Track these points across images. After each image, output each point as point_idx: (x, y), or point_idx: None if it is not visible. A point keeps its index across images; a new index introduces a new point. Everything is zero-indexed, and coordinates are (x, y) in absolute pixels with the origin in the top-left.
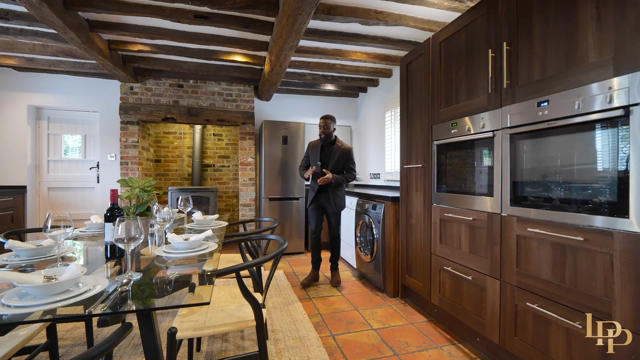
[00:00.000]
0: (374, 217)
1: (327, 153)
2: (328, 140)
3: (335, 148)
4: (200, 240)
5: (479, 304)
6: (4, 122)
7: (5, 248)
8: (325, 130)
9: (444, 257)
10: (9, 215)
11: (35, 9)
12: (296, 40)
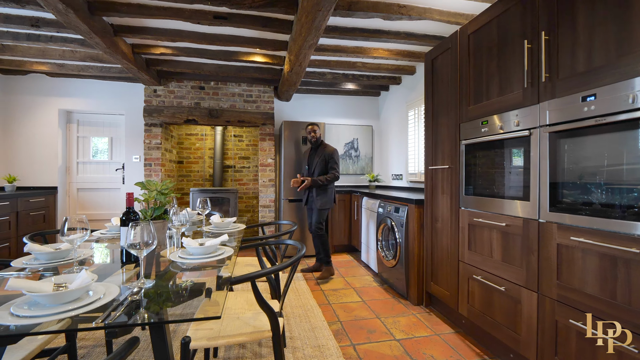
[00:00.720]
0: (396, 220)
1: (313, 157)
2: (316, 145)
3: (320, 151)
4: (215, 245)
5: (513, 318)
6: (37, 126)
7: (25, 251)
8: (314, 134)
9: (473, 264)
10: (41, 215)
11: (62, 15)
12: (316, 38)
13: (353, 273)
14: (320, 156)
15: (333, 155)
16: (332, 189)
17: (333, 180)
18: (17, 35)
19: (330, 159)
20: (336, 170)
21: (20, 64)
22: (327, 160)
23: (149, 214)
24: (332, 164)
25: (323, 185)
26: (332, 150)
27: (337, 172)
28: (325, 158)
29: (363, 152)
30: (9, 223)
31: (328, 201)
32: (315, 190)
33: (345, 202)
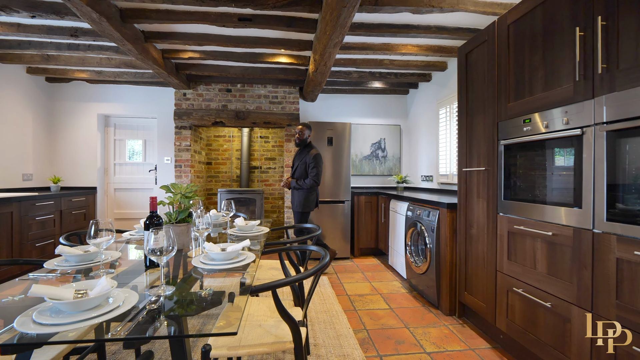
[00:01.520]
0: (426, 225)
1: (298, 158)
2: (302, 145)
3: (304, 153)
4: (237, 250)
5: (561, 338)
6: (79, 130)
7: (56, 253)
8: (300, 136)
9: (513, 276)
10: (82, 214)
11: (96, 24)
12: (341, 36)
13: (380, 278)
14: (302, 158)
15: (314, 159)
16: (313, 192)
17: (309, 186)
18: (59, 45)
19: (310, 163)
20: (315, 175)
21: (63, 72)
22: (308, 163)
23: (173, 217)
24: (311, 169)
25: (300, 188)
26: (314, 154)
27: (316, 179)
28: (306, 161)
29: (390, 153)
30: (54, 221)
31: (306, 204)
32: (294, 192)
33: (371, 204)
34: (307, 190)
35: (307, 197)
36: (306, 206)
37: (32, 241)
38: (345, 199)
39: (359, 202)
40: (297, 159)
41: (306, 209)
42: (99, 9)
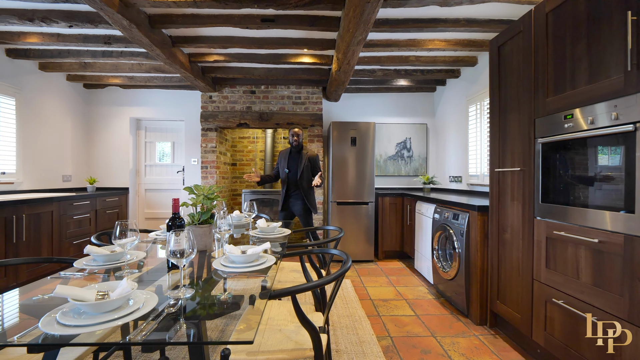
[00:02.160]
0: (455, 228)
1: (294, 159)
2: (298, 149)
3: (303, 154)
4: (257, 253)
5: (610, 357)
6: (113, 133)
7: (84, 253)
8: (298, 138)
9: (552, 285)
10: (115, 213)
11: (127, 31)
12: (364, 33)
13: (405, 282)
14: (305, 160)
15: (318, 159)
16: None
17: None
18: (95, 53)
19: (316, 164)
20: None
21: (99, 79)
22: (314, 164)
23: (196, 218)
24: (319, 168)
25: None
26: (317, 154)
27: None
28: (310, 162)
29: (416, 152)
30: (90, 220)
31: (314, 204)
32: (306, 192)
33: (396, 205)
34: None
35: (315, 197)
36: (314, 207)
37: (70, 239)
38: (369, 200)
39: (383, 204)
40: (293, 162)
41: (315, 207)
42: (129, 16)
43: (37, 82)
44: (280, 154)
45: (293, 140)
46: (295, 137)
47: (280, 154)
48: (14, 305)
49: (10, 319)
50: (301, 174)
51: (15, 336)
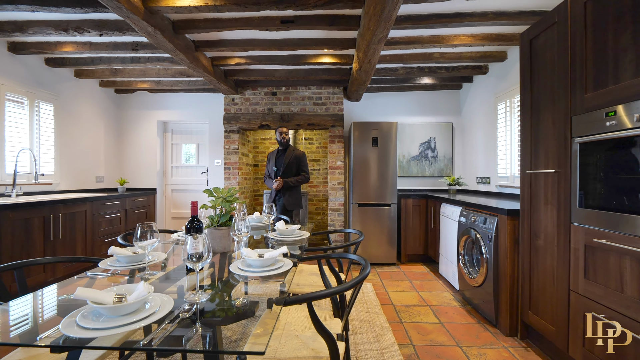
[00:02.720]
0: (483, 233)
1: (281, 159)
2: (285, 147)
3: (289, 153)
4: (274, 257)
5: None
6: (141, 136)
7: (108, 253)
8: (285, 137)
9: (591, 298)
10: (143, 213)
11: (152, 37)
12: (385, 30)
13: (429, 287)
14: (290, 158)
15: (302, 158)
16: (299, 192)
17: (303, 182)
18: (124, 59)
19: (301, 162)
20: (306, 172)
21: (128, 84)
22: (298, 162)
23: (215, 221)
24: (303, 166)
25: (294, 186)
26: (302, 153)
27: (307, 175)
28: (296, 161)
29: (441, 152)
30: (120, 219)
31: (296, 203)
32: (290, 191)
33: (420, 207)
34: (299, 189)
35: (298, 195)
36: (296, 205)
37: (101, 237)
38: (391, 202)
39: (406, 206)
40: (280, 159)
41: (296, 207)
42: (154, 23)
43: (72, 89)
44: (269, 155)
45: (281, 138)
46: (282, 135)
47: (269, 154)
48: (46, 304)
49: (36, 318)
50: (284, 171)
51: (38, 336)
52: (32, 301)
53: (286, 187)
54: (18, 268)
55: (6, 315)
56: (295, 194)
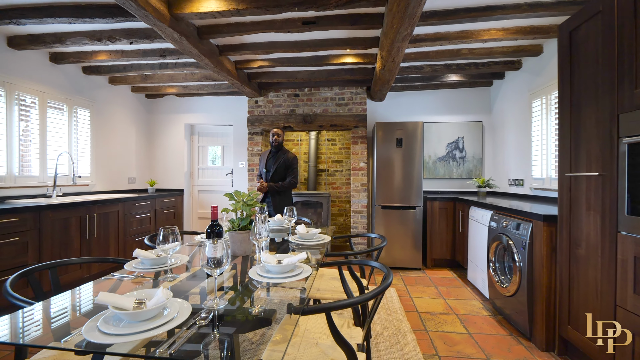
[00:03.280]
0: (515, 239)
1: (272, 159)
2: (277, 149)
3: (280, 156)
4: (293, 263)
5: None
6: (170, 139)
7: (133, 256)
8: (278, 138)
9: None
10: (172, 213)
11: (177, 43)
12: (410, 28)
13: (456, 295)
14: (280, 161)
15: (293, 162)
16: (290, 194)
17: (289, 187)
18: (153, 65)
19: (290, 166)
20: (295, 177)
21: (158, 89)
22: (287, 166)
23: (235, 224)
24: (292, 170)
25: (280, 190)
26: (293, 157)
27: (295, 180)
28: (285, 164)
29: (470, 153)
30: (149, 219)
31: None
32: (272, 195)
33: (447, 210)
34: (289, 192)
35: (287, 198)
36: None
37: (132, 236)
38: (416, 205)
39: (432, 208)
40: (270, 161)
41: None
42: (179, 29)
43: (107, 95)
44: (262, 155)
45: (273, 139)
46: (275, 136)
47: (262, 154)
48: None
49: (63, 319)
50: (273, 174)
51: (62, 339)
52: (60, 302)
53: (273, 191)
54: (52, 268)
55: (37, 316)
56: (285, 198)
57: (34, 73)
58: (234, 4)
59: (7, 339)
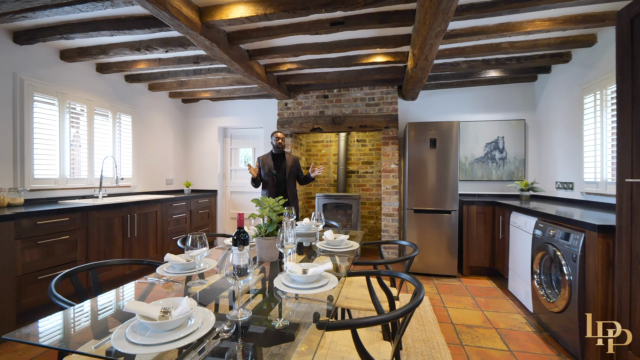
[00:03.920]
0: (564, 251)
1: (279, 161)
2: (281, 151)
3: (286, 157)
4: (319, 273)
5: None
6: (204, 142)
7: (165, 260)
8: (282, 142)
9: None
10: (206, 213)
11: (209, 50)
12: (444, 23)
13: (496, 306)
14: (290, 161)
15: (299, 161)
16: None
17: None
18: (188, 72)
19: (299, 165)
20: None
21: (193, 94)
22: (297, 165)
23: (262, 230)
24: (301, 168)
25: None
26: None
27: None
28: (295, 164)
29: (511, 154)
30: (185, 219)
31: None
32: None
33: (486, 215)
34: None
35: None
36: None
37: (169, 235)
38: (451, 209)
39: (469, 213)
40: (279, 162)
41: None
42: (210, 36)
43: (147, 101)
44: (262, 159)
45: (277, 143)
46: (280, 140)
47: (261, 159)
48: (103, 311)
49: (101, 323)
50: (288, 175)
51: (93, 346)
52: (92, 305)
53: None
54: (92, 268)
55: (71, 318)
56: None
57: (83, 83)
58: (262, 8)
59: (44, 341)
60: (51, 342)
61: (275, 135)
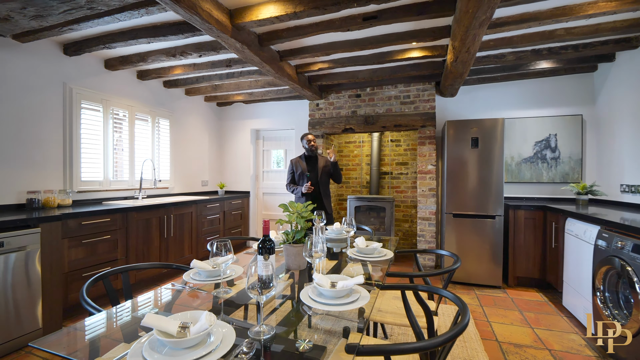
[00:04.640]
0: (636, 266)
1: (313, 164)
2: (314, 154)
3: (320, 159)
4: (349, 288)
5: None
6: (238, 144)
7: (191, 267)
8: (315, 144)
9: None
10: (238, 214)
11: (239, 52)
12: (490, 10)
13: (547, 323)
14: (323, 164)
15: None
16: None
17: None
18: (221, 75)
19: (334, 166)
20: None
21: (227, 97)
22: (331, 167)
23: (290, 237)
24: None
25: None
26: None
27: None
28: (327, 163)
29: (565, 153)
30: (219, 220)
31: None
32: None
33: (535, 220)
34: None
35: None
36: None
37: (204, 235)
38: (495, 213)
39: (515, 218)
40: (313, 165)
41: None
42: (241, 39)
43: (183, 105)
44: (294, 162)
45: (310, 145)
46: (312, 142)
47: (294, 161)
48: (126, 319)
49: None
50: (320, 177)
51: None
52: (114, 315)
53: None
54: (124, 272)
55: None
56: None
57: (125, 89)
58: (292, 6)
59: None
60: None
61: (307, 138)
